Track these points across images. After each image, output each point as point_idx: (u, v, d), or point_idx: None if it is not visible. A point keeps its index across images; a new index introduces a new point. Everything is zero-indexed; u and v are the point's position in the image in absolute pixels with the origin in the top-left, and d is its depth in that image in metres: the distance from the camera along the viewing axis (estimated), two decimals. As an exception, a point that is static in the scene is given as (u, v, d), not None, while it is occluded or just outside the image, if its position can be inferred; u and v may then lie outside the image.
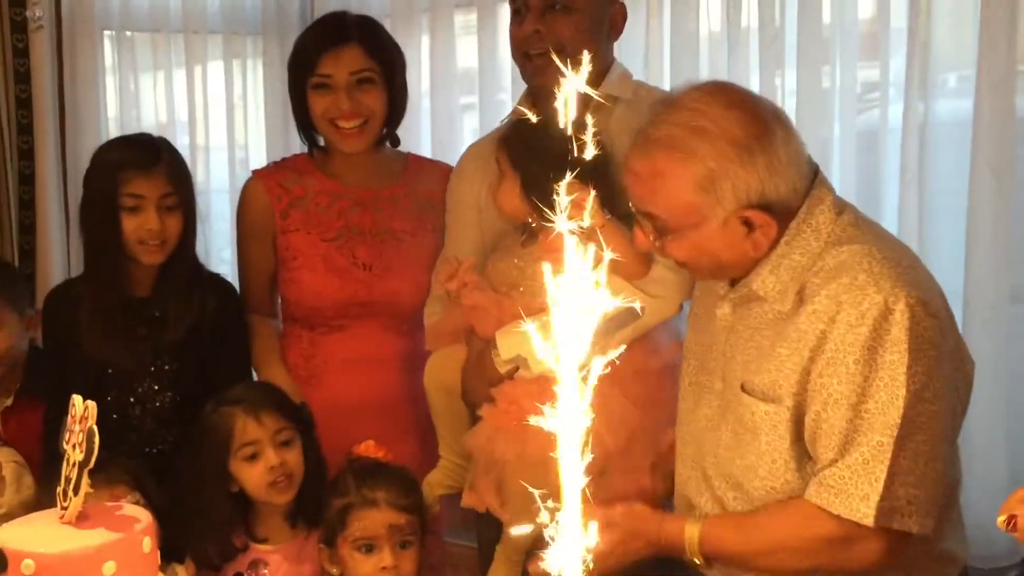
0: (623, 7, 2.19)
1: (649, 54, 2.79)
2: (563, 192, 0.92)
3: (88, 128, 2.98)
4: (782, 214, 1.59)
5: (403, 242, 2.34)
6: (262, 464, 1.95)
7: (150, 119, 3.23)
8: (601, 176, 1.87)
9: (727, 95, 1.61)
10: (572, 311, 0.93)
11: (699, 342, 1.81)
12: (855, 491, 1.53)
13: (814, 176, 1.64)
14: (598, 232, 1.56)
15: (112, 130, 3.08)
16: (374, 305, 2.32)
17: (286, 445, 1.98)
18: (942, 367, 1.54)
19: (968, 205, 2.36)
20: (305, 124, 2.33)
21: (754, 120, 1.56)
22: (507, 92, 2.97)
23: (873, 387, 1.51)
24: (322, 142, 2.35)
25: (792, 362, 1.58)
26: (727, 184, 1.55)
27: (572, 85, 0.91)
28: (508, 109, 2.90)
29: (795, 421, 1.59)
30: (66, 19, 2.93)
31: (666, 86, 2.70)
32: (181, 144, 3.20)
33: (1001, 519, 0.90)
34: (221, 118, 3.27)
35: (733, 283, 1.69)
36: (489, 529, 2.14)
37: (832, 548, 1.57)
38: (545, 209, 0.92)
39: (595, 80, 2.10)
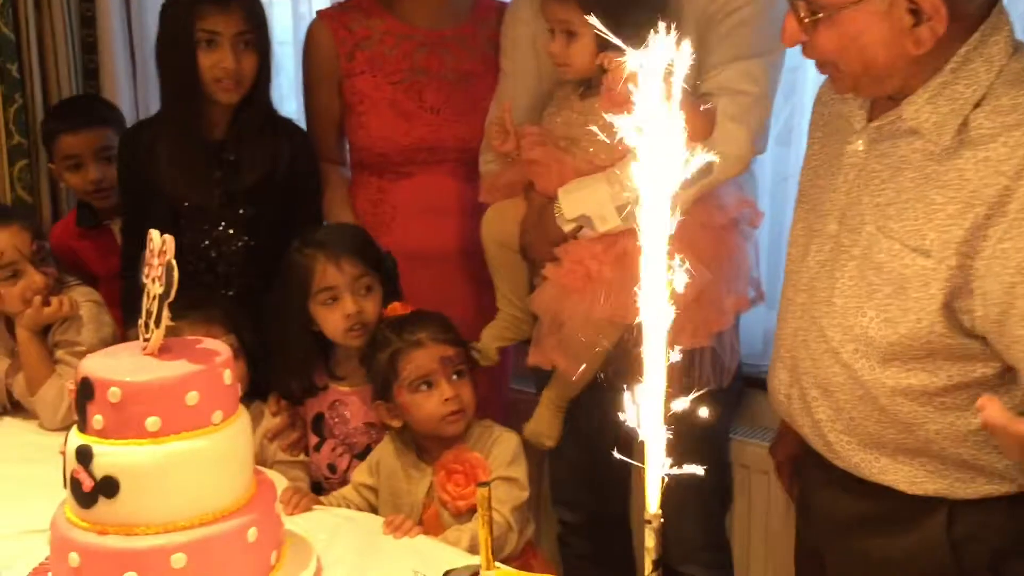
0: None
1: None
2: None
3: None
4: (955, 10, 1.37)
5: (472, 84, 2.29)
6: (339, 310, 1.99)
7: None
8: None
9: None
10: (655, 157, 0.87)
11: (815, 184, 1.67)
12: None
13: (993, 3, 1.43)
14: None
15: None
16: (442, 150, 2.30)
17: (366, 292, 2.01)
18: None
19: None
20: None
21: None
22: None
23: None
24: None
25: (950, 213, 1.40)
26: None
27: None
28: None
29: (952, 282, 1.42)
30: None
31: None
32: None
33: None
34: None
35: (870, 119, 1.55)
36: (544, 378, 2.17)
37: None
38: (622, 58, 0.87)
39: None
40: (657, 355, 0.92)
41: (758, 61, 1.92)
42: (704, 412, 1.01)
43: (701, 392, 2.08)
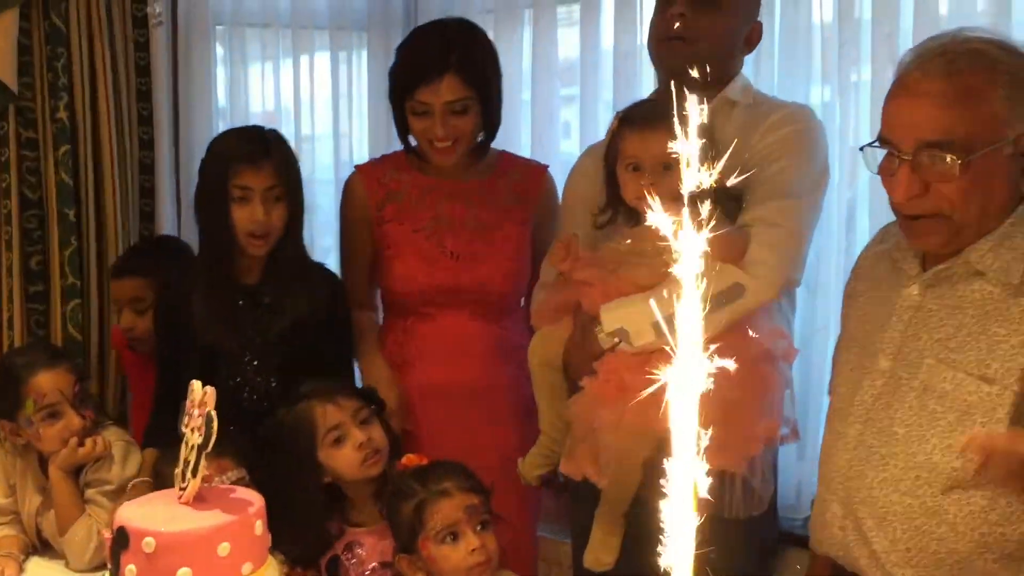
0: (760, 26, 2.22)
1: (760, 50, 2.74)
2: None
3: (200, 117, 3.08)
4: None
5: (491, 232, 2.43)
6: (350, 444, 2.03)
7: (257, 109, 3.31)
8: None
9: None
10: (689, 279, 0.92)
11: (862, 329, 1.75)
12: None
13: None
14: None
15: (222, 120, 3.17)
16: (461, 293, 2.40)
17: (366, 423, 2.06)
18: None
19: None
20: (402, 129, 2.44)
21: None
22: (608, 86, 2.96)
23: None
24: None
25: (1013, 344, 1.52)
26: None
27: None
28: (608, 102, 2.91)
29: (1018, 407, 1.51)
30: (182, 15, 3.02)
31: (775, 81, 2.67)
32: (287, 132, 3.29)
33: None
34: (327, 109, 3.33)
35: (925, 268, 1.65)
36: (583, 513, 2.16)
37: None
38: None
39: (719, 86, 2.14)
40: (684, 468, 0.96)
41: (794, 202, 2.01)
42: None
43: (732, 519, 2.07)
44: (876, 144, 1.61)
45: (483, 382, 2.40)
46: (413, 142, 2.45)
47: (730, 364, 0.91)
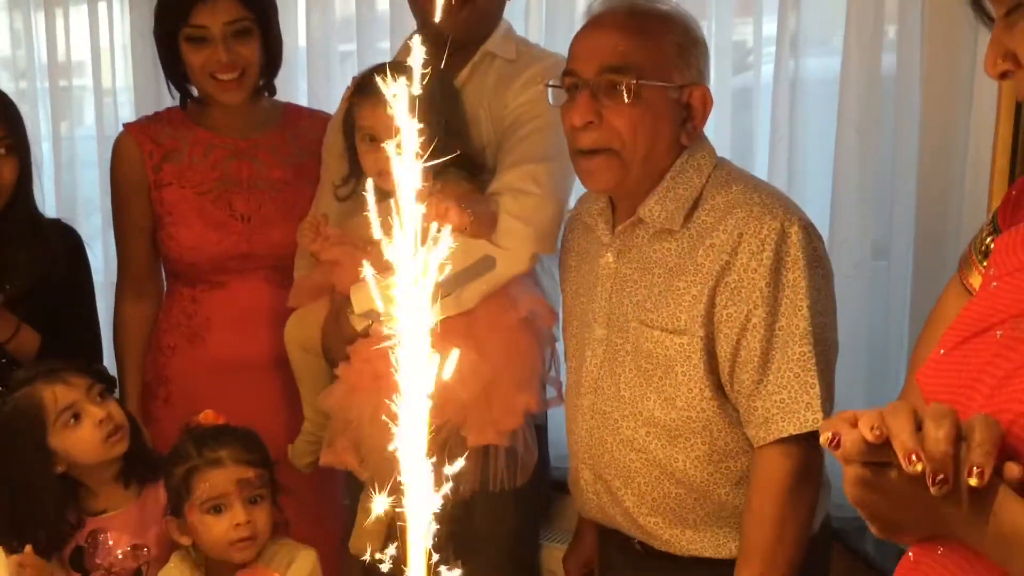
0: None
1: (529, 6, 2.76)
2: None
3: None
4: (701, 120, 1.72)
5: (282, 192, 2.30)
6: (88, 422, 1.89)
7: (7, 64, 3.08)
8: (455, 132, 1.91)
9: None
10: (409, 267, 0.89)
11: (576, 302, 1.86)
12: (797, 404, 1.61)
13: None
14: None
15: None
16: (255, 258, 2.29)
17: (102, 398, 1.93)
18: (829, 284, 1.70)
19: (833, 164, 2.41)
20: (176, 75, 2.27)
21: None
22: (387, 40, 2.91)
23: (782, 306, 1.63)
24: (195, 92, 2.29)
25: (693, 294, 1.67)
26: (695, 53, 1.70)
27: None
28: (387, 57, 2.86)
29: (707, 351, 1.67)
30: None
31: (542, 36, 2.69)
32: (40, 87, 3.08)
33: (825, 436, 0.93)
34: (86, 64, 3.13)
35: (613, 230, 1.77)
36: (357, 487, 2.13)
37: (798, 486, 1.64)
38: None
39: (483, 37, 2.10)
40: (416, 449, 0.93)
41: (544, 166, 1.99)
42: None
43: (498, 491, 2.10)
44: (559, 84, 1.74)
45: (280, 352, 2.28)
46: (192, 93, 2.29)
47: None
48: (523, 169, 1.98)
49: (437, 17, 1.71)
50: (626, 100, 1.64)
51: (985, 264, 1.23)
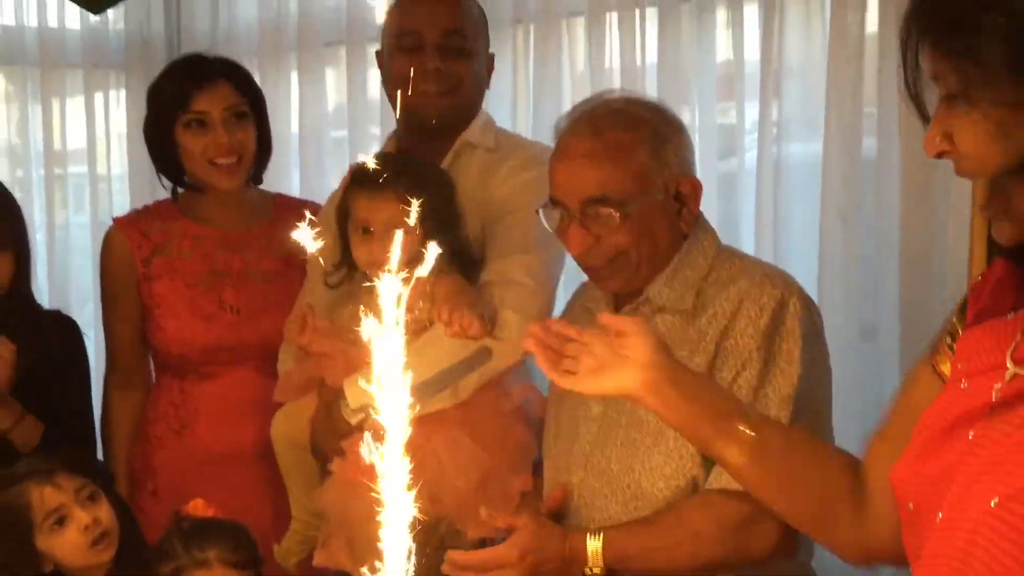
0: (493, 57, 2.23)
1: (517, 97, 2.81)
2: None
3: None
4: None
5: (272, 283, 2.31)
6: (74, 527, 1.85)
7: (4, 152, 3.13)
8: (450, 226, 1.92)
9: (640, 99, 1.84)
10: (391, 360, 0.89)
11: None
12: None
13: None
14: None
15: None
16: (244, 348, 2.29)
17: (92, 501, 1.89)
18: (824, 359, 1.71)
19: (819, 247, 2.43)
20: (169, 166, 2.30)
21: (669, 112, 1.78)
22: (378, 127, 2.96)
23: (771, 373, 1.63)
24: (187, 181, 2.32)
25: (695, 363, 1.64)
26: (671, 146, 1.70)
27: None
28: (379, 143, 2.91)
29: None
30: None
31: (530, 127, 2.74)
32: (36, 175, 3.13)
33: None
34: (82, 152, 3.18)
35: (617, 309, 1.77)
36: None
37: (735, 533, 1.61)
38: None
39: (462, 126, 2.13)
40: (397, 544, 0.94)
41: (535, 255, 2.00)
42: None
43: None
44: (549, 206, 1.75)
45: (269, 443, 2.24)
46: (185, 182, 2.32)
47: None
48: (515, 259, 1.99)
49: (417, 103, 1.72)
50: (618, 223, 1.67)
51: (954, 350, 1.25)
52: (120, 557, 1.91)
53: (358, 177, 1.99)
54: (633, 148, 1.67)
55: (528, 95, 2.82)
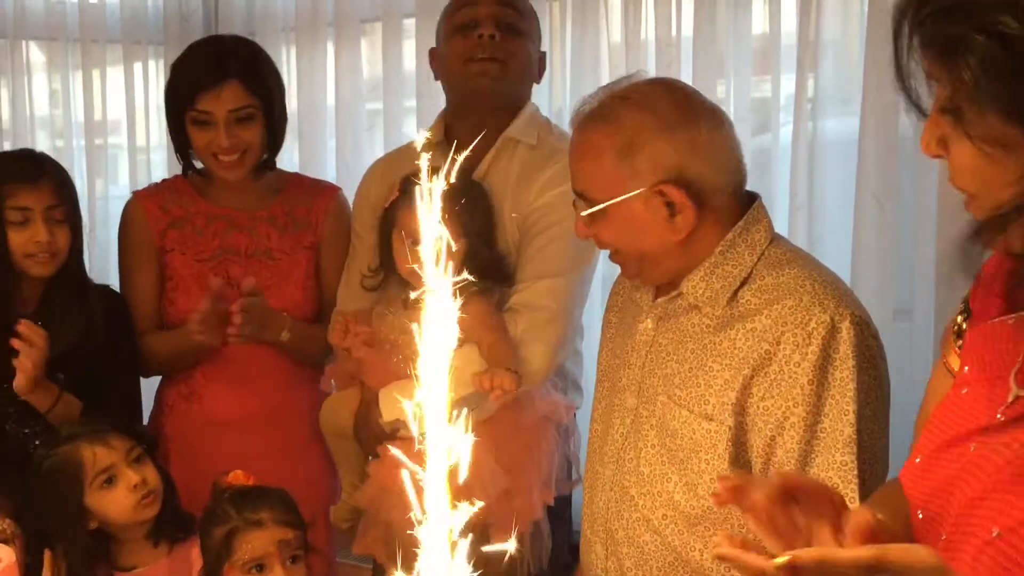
0: (544, 56, 2.26)
1: (553, 71, 2.79)
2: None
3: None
4: (704, 205, 1.57)
5: (279, 261, 2.37)
6: (123, 485, 1.94)
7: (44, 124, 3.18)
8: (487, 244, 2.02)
9: (666, 82, 1.70)
10: (438, 379, 0.95)
11: (612, 363, 1.80)
12: None
13: (750, 199, 1.66)
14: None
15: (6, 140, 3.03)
16: None
17: (139, 462, 1.98)
18: (882, 387, 1.57)
19: (853, 224, 2.40)
20: (182, 148, 2.35)
21: (684, 101, 1.60)
22: (413, 99, 2.97)
23: (826, 407, 1.51)
24: (199, 165, 2.37)
25: (725, 379, 1.56)
26: (645, 153, 1.55)
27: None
28: (414, 116, 2.92)
29: (735, 442, 1.56)
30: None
31: (567, 101, 2.72)
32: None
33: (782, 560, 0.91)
34: (120, 123, 3.22)
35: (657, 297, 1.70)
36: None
37: None
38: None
39: (509, 116, 2.16)
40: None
41: (563, 280, 2.07)
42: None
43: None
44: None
45: (278, 410, 2.35)
46: (197, 164, 2.36)
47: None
48: (543, 285, 2.05)
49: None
50: (585, 220, 1.63)
51: (960, 345, 1.21)
52: (159, 518, 1.99)
53: (409, 192, 2.04)
54: (600, 151, 1.59)
55: (565, 69, 2.80)
